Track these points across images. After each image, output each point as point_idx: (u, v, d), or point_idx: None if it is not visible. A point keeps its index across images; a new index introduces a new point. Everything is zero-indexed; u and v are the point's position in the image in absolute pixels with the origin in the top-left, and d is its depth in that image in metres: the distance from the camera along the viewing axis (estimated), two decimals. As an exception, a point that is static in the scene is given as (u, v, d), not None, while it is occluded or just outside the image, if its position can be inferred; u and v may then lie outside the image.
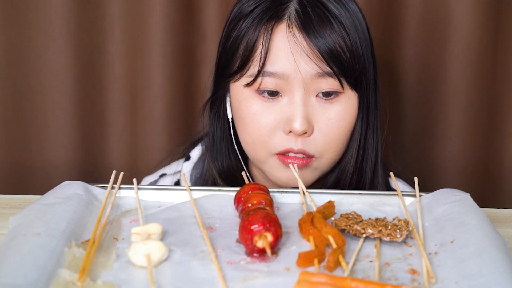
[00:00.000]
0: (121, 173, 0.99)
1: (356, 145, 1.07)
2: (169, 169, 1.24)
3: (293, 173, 0.99)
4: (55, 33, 1.43)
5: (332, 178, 1.10)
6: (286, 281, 0.74)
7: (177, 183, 1.21)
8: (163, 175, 1.24)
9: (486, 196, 1.52)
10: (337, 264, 0.77)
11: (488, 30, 1.43)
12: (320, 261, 0.78)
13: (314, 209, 0.89)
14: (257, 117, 1.03)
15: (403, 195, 0.95)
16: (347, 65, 1.00)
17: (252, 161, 1.12)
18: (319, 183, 1.12)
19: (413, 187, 0.97)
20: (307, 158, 1.03)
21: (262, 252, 0.79)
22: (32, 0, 1.42)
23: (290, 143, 1.02)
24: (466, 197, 0.91)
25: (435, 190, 0.95)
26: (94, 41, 1.45)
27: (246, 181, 0.98)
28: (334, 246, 0.79)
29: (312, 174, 1.06)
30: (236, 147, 1.12)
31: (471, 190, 0.99)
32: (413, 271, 0.77)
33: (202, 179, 1.16)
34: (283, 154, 1.03)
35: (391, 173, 1.02)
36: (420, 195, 0.94)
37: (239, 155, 1.12)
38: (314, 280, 0.72)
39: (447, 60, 1.45)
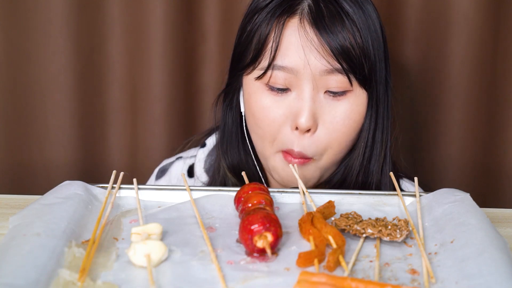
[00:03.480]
0: (121, 173, 0.99)
1: (364, 143, 1.07)
2: (186, 153, 1.26)
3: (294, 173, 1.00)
4: (55, 33, 1.43)
5: (338, 176, 1.10)
6: (286, 281, 0.74)
7: (191, 167, 1.21)
8: (179, 158, 1.26)
9: (486, 196, 1.52)
10: (337, 264, 0.77)
11: (488, 30, 1.42)
12: (320, 261, 0.78)
13: (314, 209, 0.89)
14: (266, 111, 1.04)
15: (403, 195, 0.95)
16: (356, 62, 1.00)
17: (259, 156, 1.12)
18: (325, 181, 1.12)
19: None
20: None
21: (262, 252, 0.79)
22: (32, 0, 1.42)
23: (292, 144, 1.03)
24: (466, 197, 0.91)
25: (435, 190, 0.95)
26: (94, 41, 1.45)
27: (246, 181, 0.98)
28: (334, 246, 0.79)
29: (314, 173, 1.07)
30: (248, 141, 1.13)
31: (471, 190, 0.99)
32: (413, 271, 0.77)
33: (214, 168, 1.17)
34: (284, 152, 1.04)
35: (391, 173, 1.02)
36: (420, 195, 0.94)
37: (250, 148, 1.13)
38: (314, 280, 0.72)
39: (447, 59, 1.45)
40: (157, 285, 0.73)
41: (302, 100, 1.01)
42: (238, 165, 1.14)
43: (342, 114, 1.03)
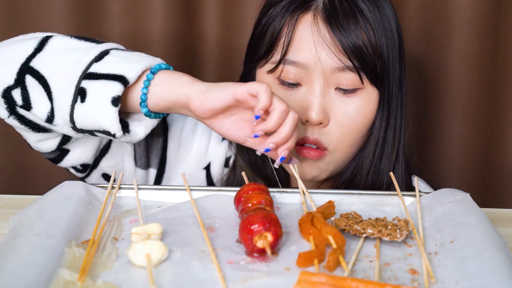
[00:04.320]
0: (121, 173, 0.99)
1: (374, 142, 1.07)
2: None
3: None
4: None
5: (348, 173, 1.10)
6: (286, 281, 0.74)
7: None
8: None
9: (487, 196, 1.52)
10: (337, 264, 0.77)
11: (488, 29, 1.43)
12: (320, 261, 0.78)
13: (314, 209, 0.89)
14: None
15: (403, 195, 0.95)
16: (368, 60, 1.01)
17: None
18: (335, 177, 1.12)
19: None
20: (321, 150, 1.04)
21: (262, 252, 0.79)
22: (32, 0, 1.42)
23: (306, 132, 1.04)
24: (466, 197, 0.91)
25: (435, 190, 0.95)
26: (94, 42, 1.45)
27: (246, 181, 0.98)
28: (334, 246, 0.79)
29: (326, 167, 1.07)
30: None
31: (471, 190, 0.99)
32: (413, 271, 0.77)
33: (233, 162, 1.17)
34: (299, 145, 1.05)
35: (391, 173, 1.02)
36: (420, 195, 0.94)
37: None
38: (314, 280, 0.72)
39: (447, 59, 1.45)
40: (157, 285, 0.73)
41: (312, 95, 1.02)
42: (255, 162, 1.14)
43: (353, 110, 1.03)
